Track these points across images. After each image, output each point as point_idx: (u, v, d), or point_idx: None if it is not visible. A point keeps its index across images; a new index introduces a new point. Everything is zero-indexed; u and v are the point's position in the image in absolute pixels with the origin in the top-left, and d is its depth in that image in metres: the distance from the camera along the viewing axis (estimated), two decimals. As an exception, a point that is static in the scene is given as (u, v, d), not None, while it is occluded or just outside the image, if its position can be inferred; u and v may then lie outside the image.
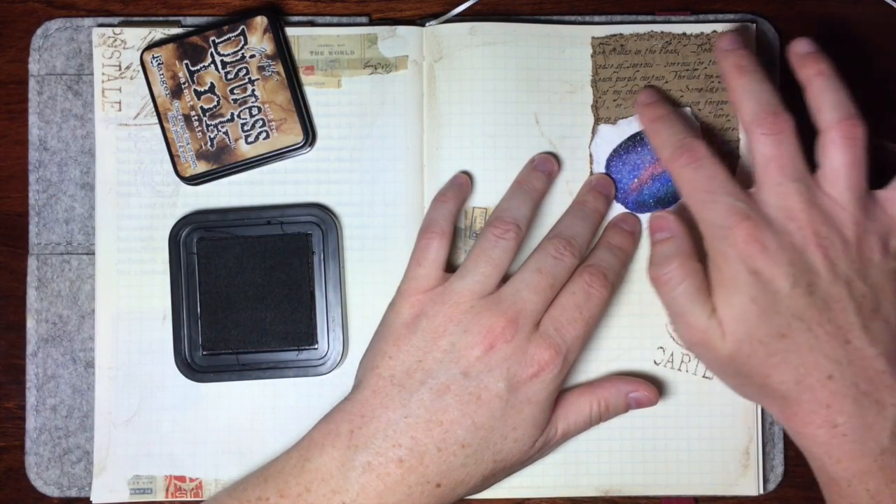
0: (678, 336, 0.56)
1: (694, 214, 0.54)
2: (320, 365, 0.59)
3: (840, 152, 0.53)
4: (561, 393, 0.57)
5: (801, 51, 0.55)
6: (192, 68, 0.59)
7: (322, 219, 0.59)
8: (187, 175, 0.59)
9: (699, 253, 0.55)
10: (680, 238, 0.55)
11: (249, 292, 0.59)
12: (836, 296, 0.51)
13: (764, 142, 0.53)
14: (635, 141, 0.60)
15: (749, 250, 0.51)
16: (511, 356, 0.54)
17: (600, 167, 0.60)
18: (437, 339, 0.54)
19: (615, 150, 0.60)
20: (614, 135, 0.60)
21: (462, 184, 0.59)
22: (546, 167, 0.59)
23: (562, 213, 0.59)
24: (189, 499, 0.60)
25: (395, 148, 0.60)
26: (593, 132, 0.60)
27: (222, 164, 0.59)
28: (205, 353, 0.59)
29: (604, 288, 0.56)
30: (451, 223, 0.57)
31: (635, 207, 0.60)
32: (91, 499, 0.59)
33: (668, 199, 0.60)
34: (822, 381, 0.51)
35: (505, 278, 0.56)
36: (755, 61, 0.56)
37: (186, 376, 0.59)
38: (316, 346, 0.59)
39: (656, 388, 0.58)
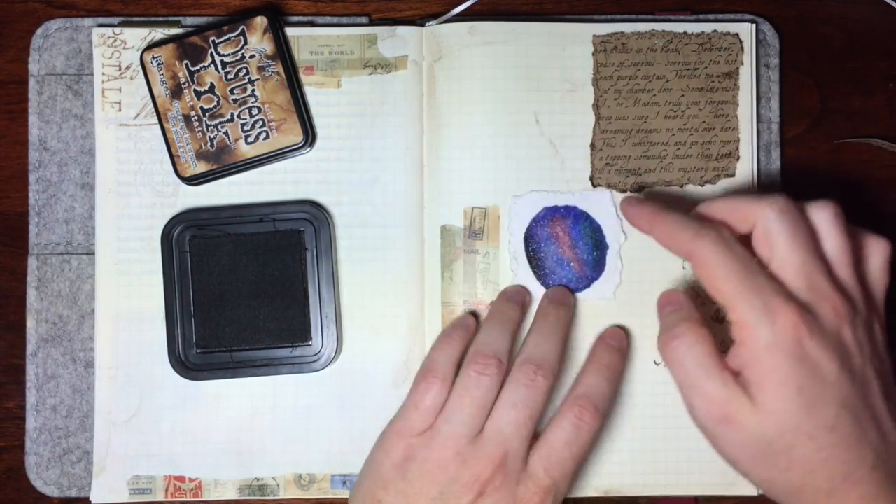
0: (693, 414, 0.51)
1: (723, 303, 0.50)
2: (314, 361, 0.59)
3: (832, 232, 0.51)
4: None
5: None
6: (192, 68, 0.59)
7: (314, 215, 0.59)
8: (187, 175, 0.59)
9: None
10: (689, 307, 0.53)
11: (243, 290, 0.59)
12: (868, 378, 0.49)
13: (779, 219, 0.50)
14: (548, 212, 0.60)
15: (797, 334, 0.48)
16: (500, 501, 0.53)
17: (518, 238, 0.60)
18: (427, 487, 0.53)
19: (534, 221, 0.60)
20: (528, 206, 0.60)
21: (469, 326, 0.59)
22: (518, 298, 0.59)
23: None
24: (189, 499, 0.59)
25: (395, 148, 0.60)
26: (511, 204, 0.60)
27: (222, 164, 0.59)
28: (199, 350, 0.58)
29: (594, 420, 0.54)
30: (454, 368, 0.56)
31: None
32: (91, 499, 0.59)
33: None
34: (869, 474, 0.48)
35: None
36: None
37: (180, 374, 0.58)
38: (310, 343, 0.59)
39: None
